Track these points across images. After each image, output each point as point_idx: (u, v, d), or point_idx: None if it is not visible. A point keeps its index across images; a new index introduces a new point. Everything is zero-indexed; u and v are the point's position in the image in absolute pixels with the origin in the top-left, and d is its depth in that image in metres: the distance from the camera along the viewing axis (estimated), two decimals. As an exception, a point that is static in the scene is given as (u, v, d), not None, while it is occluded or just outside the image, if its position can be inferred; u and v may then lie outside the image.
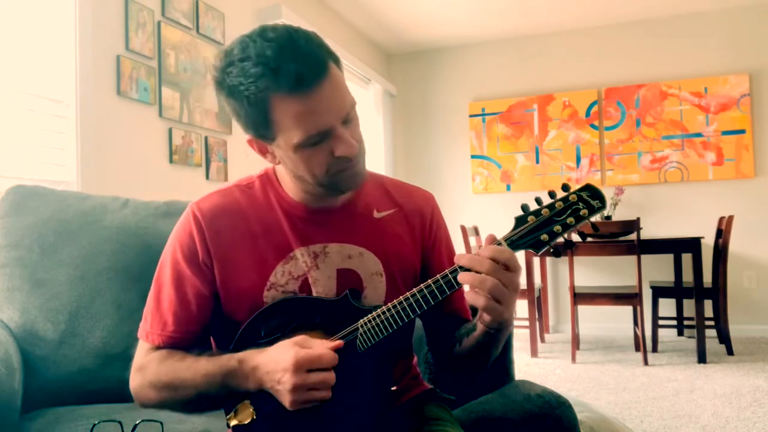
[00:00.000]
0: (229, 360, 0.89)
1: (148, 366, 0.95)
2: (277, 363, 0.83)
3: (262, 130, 0.89)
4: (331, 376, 0.82)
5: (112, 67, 2.38)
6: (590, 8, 4.58)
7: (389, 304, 0.89)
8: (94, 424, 1.00)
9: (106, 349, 1.37)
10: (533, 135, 5.07)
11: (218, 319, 0.99)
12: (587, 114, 4.94)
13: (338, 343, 0.86)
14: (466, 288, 0.87)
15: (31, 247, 1.41)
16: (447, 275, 0.87)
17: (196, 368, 0.90)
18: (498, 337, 0.92)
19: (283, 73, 0.82)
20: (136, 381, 0.96)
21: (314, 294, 0.97)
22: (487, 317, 0.87)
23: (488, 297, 0.82)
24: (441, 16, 4.64)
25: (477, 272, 0.82)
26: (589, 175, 4.89)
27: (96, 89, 2.29)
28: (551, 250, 0.88)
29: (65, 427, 1.18)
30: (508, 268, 0.82)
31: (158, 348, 0.97)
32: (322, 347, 0.84)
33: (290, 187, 0.99)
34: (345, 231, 1.00)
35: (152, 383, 0.93)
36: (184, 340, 0.97)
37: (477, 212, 5.19)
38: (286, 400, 0.82)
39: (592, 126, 4.92)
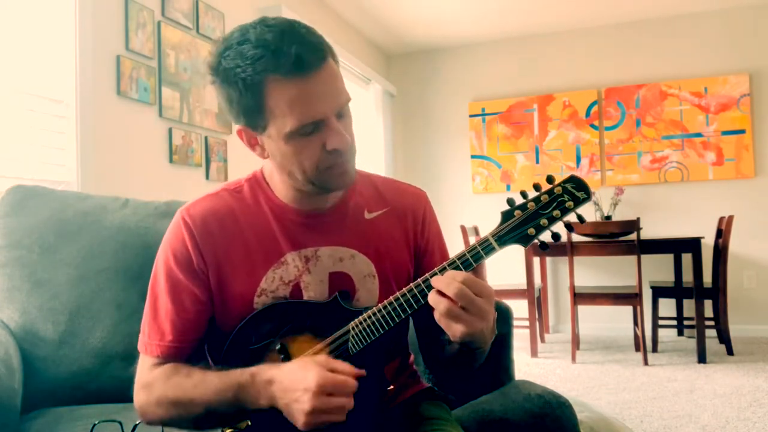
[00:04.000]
0: (241, 375, 0.86)
1: (154, 383, 0.92)
2: (297, 381, 0.80)
3: (254, 118, 0.87)
4: (350, 403, 0.80)
5: (112, 67, 2.38)
6: (590, 8, 4.58)
7: (380, 304, 0.88)
8: (94, 424, 1.00)
9: (105, 349, 1.37)
10: (533, 135, 5.07)
11: (209, 328, 0.97)
12: (587, 114, 4.94)
13: (361, 372, 0.82)
14: None
15: (31, 247, 1.41)
16: (437, 273, 0.86)
17: (206, 385, 0.88)
18: (474, 355, 0.90)
19: (282, 54, 0.82)
20: (141, 398, 0.93)
21: (305, 298, 0.95)
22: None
23: (441, 313, 0.80)
24: (441, 16, 4.64)
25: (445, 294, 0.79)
26: (589, 175, 4.89)
27: (96, 89, 2.29)
28: (538, 243, 0.88)
29: (65, 427, 1.18)
30: (479, 294, 0.79)
31: (158, 358, 0.94)
32: (345, 371, 0.81)
33: (279, 189, 0.97)
34: (336, 233, 0.98)
35: (159, 401, 0.90)
36: (184, 349, 0.95)
37: (477, 212, 5.19)
38: (299, 420, 0.80)
39: (592, 126, 4.92)
